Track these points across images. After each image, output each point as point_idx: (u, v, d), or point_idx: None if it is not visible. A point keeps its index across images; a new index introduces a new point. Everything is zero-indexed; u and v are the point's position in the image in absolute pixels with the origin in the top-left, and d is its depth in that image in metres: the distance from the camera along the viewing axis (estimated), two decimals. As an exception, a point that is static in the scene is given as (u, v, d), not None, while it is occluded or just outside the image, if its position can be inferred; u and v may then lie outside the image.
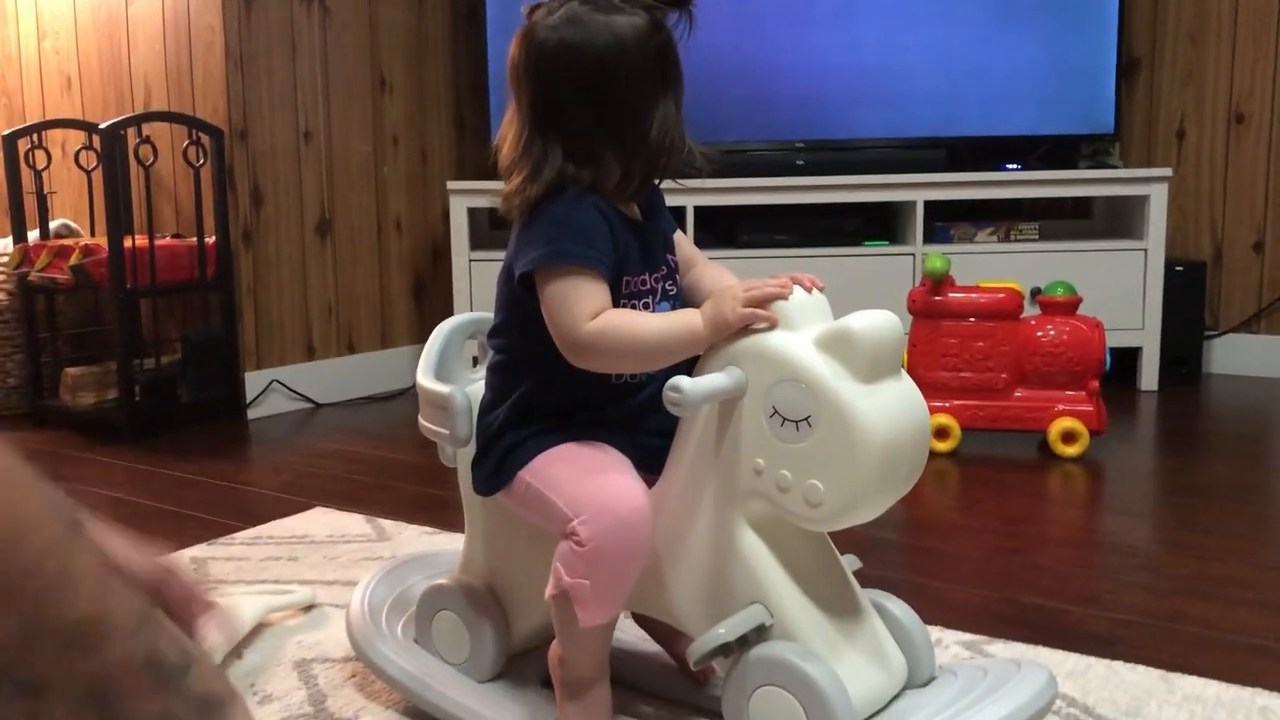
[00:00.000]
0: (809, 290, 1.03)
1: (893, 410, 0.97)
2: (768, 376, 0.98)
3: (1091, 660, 1.33)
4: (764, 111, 3.18)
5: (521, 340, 1.10)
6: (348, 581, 1.61)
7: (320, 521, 1.94)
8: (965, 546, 1.81)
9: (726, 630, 0.99)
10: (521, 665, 1.23)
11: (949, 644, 1.38)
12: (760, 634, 1.01)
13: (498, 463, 1.10)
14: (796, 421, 0.97)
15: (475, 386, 1.19)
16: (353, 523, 1.92)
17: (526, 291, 1.06)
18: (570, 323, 1.01)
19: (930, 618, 1.27)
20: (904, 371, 1.02)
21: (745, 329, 1.00)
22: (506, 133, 1.07)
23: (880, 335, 0.97)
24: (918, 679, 1.07)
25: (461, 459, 1.21)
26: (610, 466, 1.05)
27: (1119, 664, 1.31)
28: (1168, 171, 3.04)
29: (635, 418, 1.10)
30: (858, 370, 0.96)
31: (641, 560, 1.02)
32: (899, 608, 1.10)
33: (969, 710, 0.95)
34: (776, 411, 0.98)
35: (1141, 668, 1.30)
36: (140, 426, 2.64)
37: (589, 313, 1.01)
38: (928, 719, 0.97)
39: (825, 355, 0.96)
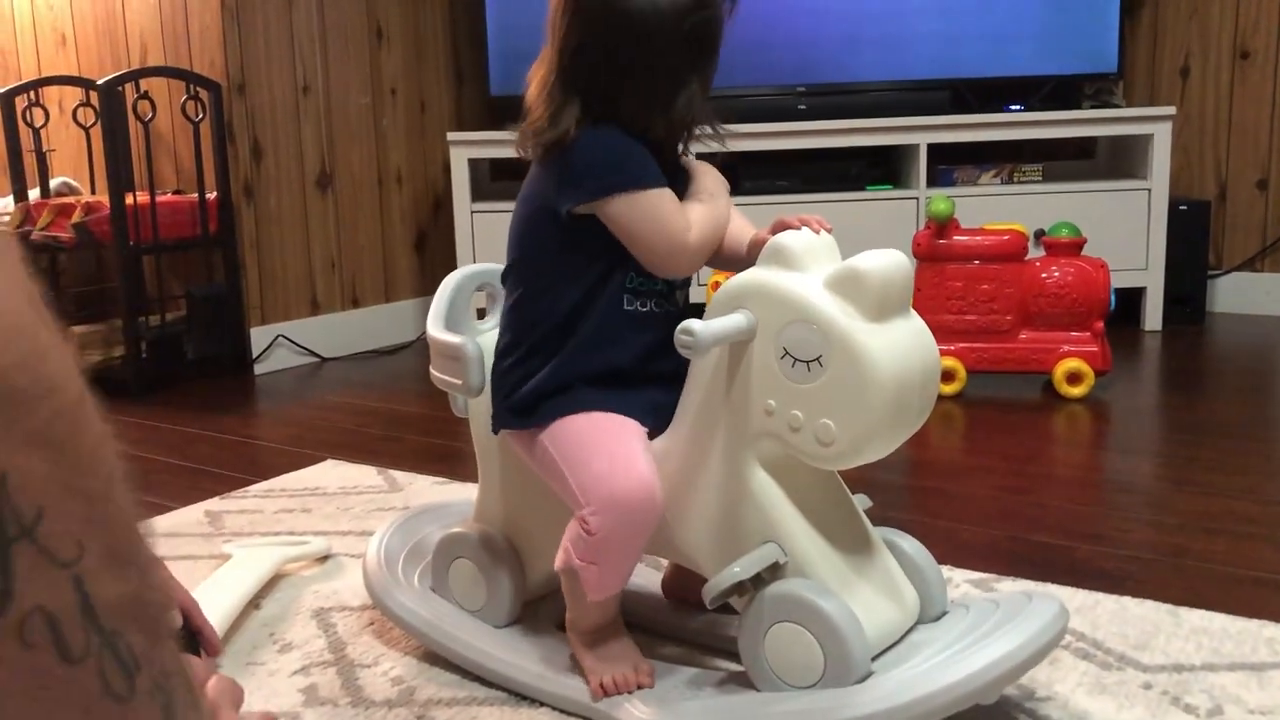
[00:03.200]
0: (816, 232, 1.03)
1: (902, 348, 0.98)
2: (778, 318, 0.99)
3: (1100, 596, 1.34)
4: (764, 55, 3.15)
5: (538, 274, 1.11)
6: (362, 532, 1.63)
7: (331, 474, 1.95)
8: (972, 487, 1.82)
9: (741, 569, 1.01)
10: (537, 610, 1.25)
11: (958, 582, 1.39)
12: (774, 572, 1.02)
13: (519, 406, 1.11)
14: (807, 362, 0.97)
15: (485, 337, 1.19)
16: (363, 474, 1.94)
17: (575, 222, 1.06)
18: (676, 234, 1.05)
19: (939, 557, 1.28)
20: (913, 310, 1.03)
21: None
22: (537, 71, 1.08)
23: (889, 274, 0.98)
24: (930, 614, 1.09)
25: (473, 409, 1.22)
26: (624, 445, 1.06)
27: (1127, 599, 1.33)
28: (1171, 110, 3.02)
29: (648, 365, 1.11)
30: (867, 309, 0.96)
31: (646, 540, 1.06)
32: (910, 544, 1.11)
33: (981, 642, 0.96)
34: (787, 352, 0.98)
35: (1149, 602, 1.32)
36: (147, 383, 2.65)
37: (686, 223, 1.06)
38: (940, 651, 0.99)
39: (835, 295, 0.97)
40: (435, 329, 1.21)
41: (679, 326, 0.98)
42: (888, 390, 0.95)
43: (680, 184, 1.12)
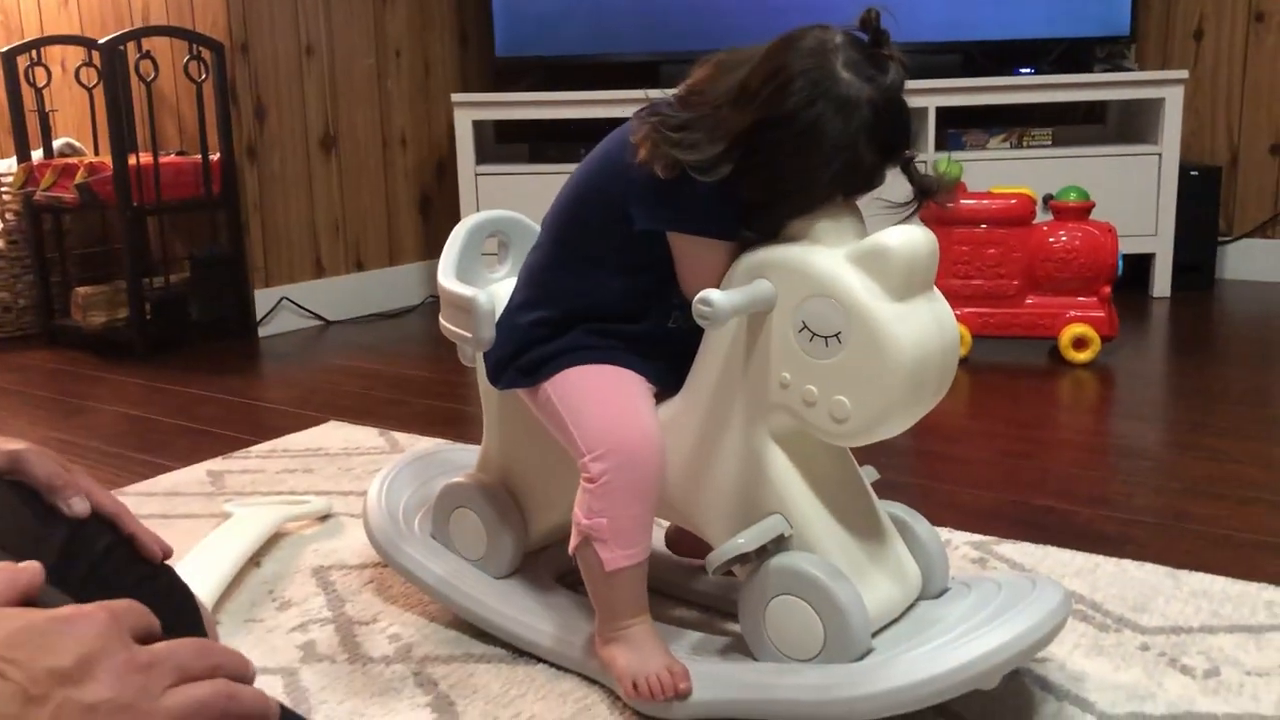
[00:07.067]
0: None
1: (923, 330, 0.96)
2: (798, 291, 0.97)
3: (1100, 559, 1.34)
4: (769, 17, 3.10)
5: (590, 250, 1.07)
6: (362, 492, 1.62)
7: (334, 435, 1.95)
8: (976, 450, 1.82)
9: (746, 540, 1.00)
10: (536, 562, 1.25)
11: (958, 544, 1.39)
12: (779, 544, 1.02)
13: (527, 365, 1.09)
14: (826, 337, 0.96)
15: (496, 286, 1.18)
16: (366, 436, 1.94)
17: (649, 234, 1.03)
18: (705, 285, 1.00)
19: (940, 519, 1.28)
20: (936, 290, 1.01)
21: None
22: (720, 72, 0.99)
23: (915, 252, 0.95)
24: (931, 590, 1.09)
25: (481, 358, 1.21)
26: (628, 397, 1.05)
27: (1127, 562, 1.33)
28: (1184, 74, 2.98)
29: (674, 353, 1.09)
30: (891, 288, 0.94)
31: (654, 495, 1.04)
32: (918, 522, 1.11)
33: (985, 627, 0.96)
34: (806, 326, 0.97)
35: (1149, 565, 1.31)
36: (152, 345, 2.65)
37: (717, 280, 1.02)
38: (944, 633, 0.98)
39: (858, 271, 0.95)
40: (446, 279, 1.18)
41: (697, 297, 0.96)
42: (905, 371, 0.94)
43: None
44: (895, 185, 1.03)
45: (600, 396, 1.05)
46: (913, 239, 0.96)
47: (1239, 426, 1.91)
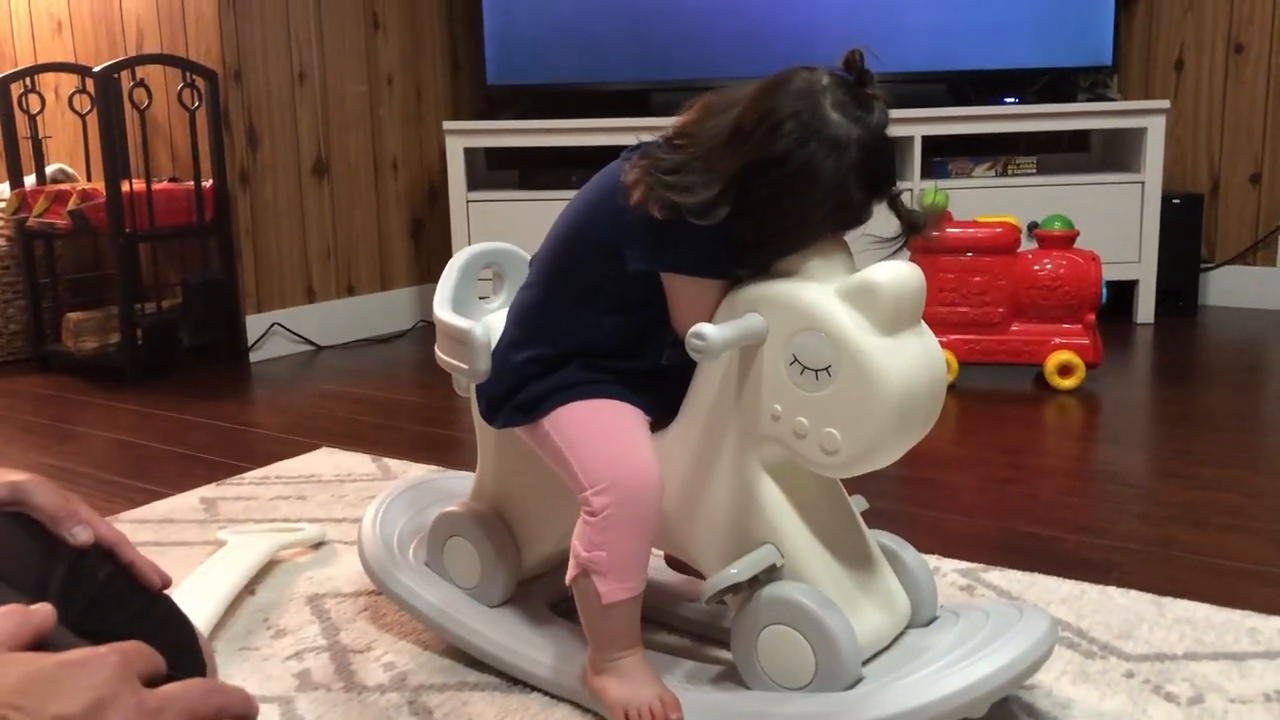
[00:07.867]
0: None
1: (912, 363, 0.98)
2: (789, 325, 0.99)
3: (1086, 586, 1.36)
4: (757, 47, 3.15)
5: (583, 288, 1.08)
6: (355, 519, 1.64)
7: (326, 461, 1.96)
8: (963, 477, 1.84)
9: (739, 570, 1.02)
10: (530, 590, 1.27)
11: (946, 572, 1.41)
12: (771, 574, 1.03)
13: (523, 403, 1.10)
14: (816, 370, 0.98)
15: (491, 318, 1.19)
16: (358, 462, 1.95)
17: (641, 271, 1.04)
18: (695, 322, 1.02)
19: (928, 547, 1.30)
20: (924, 324, 1.03)
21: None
22: (710, 113, 1.01)
23: (903, 287, 0.98)
24: (919, 619, 1.10)
25: (475, 388, 1.22)
26: (627, 431, 1.07)
27: (1112, 589, 1.35)
28: (1165, 103, 3.03)
29: (667, 387, 1.11)
30: (879, 322, 0.96)
31: (653, 529, 1.05)
32: (906, 551, 1.13)
33: (974, 656, 0.97)
34: (796, 360, 0.99)
35: (1134, 592, 1.33)
36: (143, 370, 2.66)
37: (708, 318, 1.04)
38: (933, 661, 1.00)
39: (847, 306, 0.97)
40: (442, 311, 1.19)
41: (691, 330, 0.98)
42: (894, 404, 0.95)
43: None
44: (883, 221, 1.05)
45: (600, 431, 1.06)
46: (900, 275, 0.98)
47: (1223, 453, 1.94)
